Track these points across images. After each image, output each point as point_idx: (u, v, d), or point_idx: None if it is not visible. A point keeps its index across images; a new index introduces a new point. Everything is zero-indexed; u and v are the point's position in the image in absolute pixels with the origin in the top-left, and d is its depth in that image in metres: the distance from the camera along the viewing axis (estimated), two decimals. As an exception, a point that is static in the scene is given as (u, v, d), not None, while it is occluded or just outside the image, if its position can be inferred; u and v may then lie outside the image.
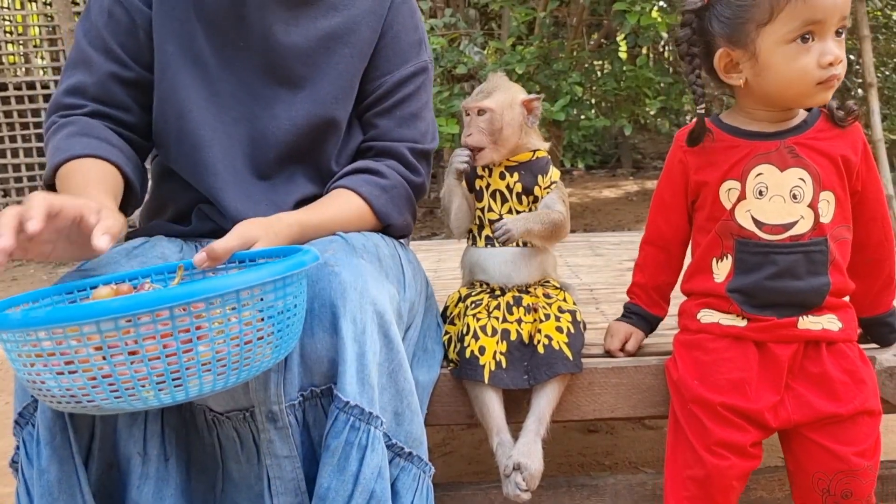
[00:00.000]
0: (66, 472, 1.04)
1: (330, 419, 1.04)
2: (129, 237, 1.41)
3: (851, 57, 5.83)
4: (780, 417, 1.24)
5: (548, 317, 1.37)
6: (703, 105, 1.31)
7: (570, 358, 1.33)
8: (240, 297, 0.88)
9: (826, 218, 1.26)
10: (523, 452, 1.30)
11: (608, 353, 1.46)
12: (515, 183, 1.41)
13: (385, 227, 1.43)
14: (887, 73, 6.22)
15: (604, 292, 1.99)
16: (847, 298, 1.34)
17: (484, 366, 1.32)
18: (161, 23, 1.36)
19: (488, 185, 1.43)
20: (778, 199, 1.26)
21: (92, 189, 1.20)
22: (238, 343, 0.89)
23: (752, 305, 1.28)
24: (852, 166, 1.28)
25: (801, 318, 1.27)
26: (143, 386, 0.85)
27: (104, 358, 0.83)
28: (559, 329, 1.35)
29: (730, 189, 1.29)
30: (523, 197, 1.42)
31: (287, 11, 1.37)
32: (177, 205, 1.43)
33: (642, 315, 1.45)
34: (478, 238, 1.46)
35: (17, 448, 1.10)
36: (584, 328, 1.42)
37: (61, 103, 1.38)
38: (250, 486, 1.15)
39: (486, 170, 1.43)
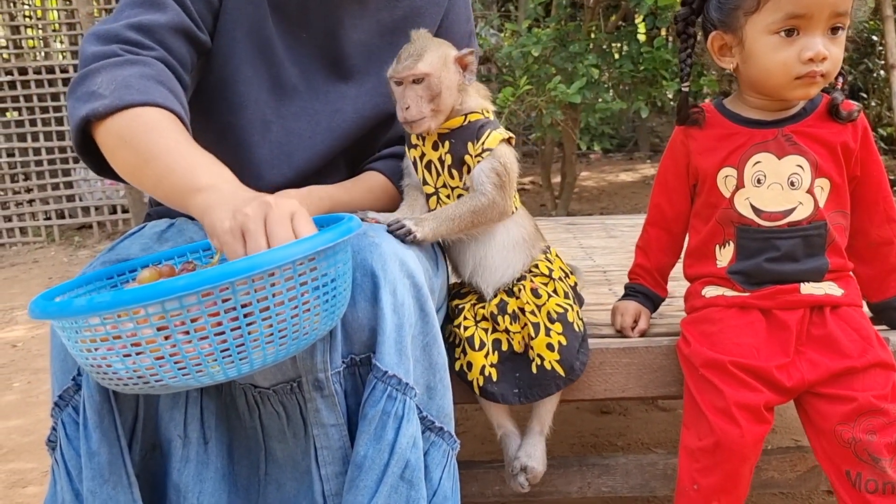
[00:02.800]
0: (114, 454, 1.05)
1: (368, 388, 1.05)
2: (148, 217, 1.41)
3: (874, 38, 5.75)
4: (794, 377, 1.23)
5: (537, 329, 1.31)
6: (688, 84, 1.37)
7: (563, 375, 1.32)
8: (296, 267, 0.89)
9: (820, 205, 1.28)
10: (529, 454, 1.37)
11: (619, 333, 1.47)
12: (446, 154, 1.29)
13: None
14: (910, 54, 6.10)
15: (617, 274, 1.99)
16: (852, 273, 1.35)
17: (472, 381, 1.32)
18: (235, 4, 1.30)
19: (423, 156, 1.32)
20: (776, 187, 1.28)
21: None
22: (297, 312, 0.90)
23: (752, 283, 1.31)
24: (851, 152, 1.30)
25: (802, 284, 1.29)
26: (210, 361, 0.87)
27: (167, 338, 0.84)
28: (550, 346, 1.31)
29: (727, 176, 1.31)
30: (453, 171, 1.29)
31: (354, 3, 1.35)
32: None
33: (647, 294, 1.48)
34: None
35: (54, 429, 1.12)
36: (583, 327, 1.36)
37: (123, 36, 1.17)
38: (296, 463, 1.16)
39: (420, 138, 1.31)
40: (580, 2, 4.86)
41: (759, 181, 1.29)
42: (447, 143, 1.29)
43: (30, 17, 6.30)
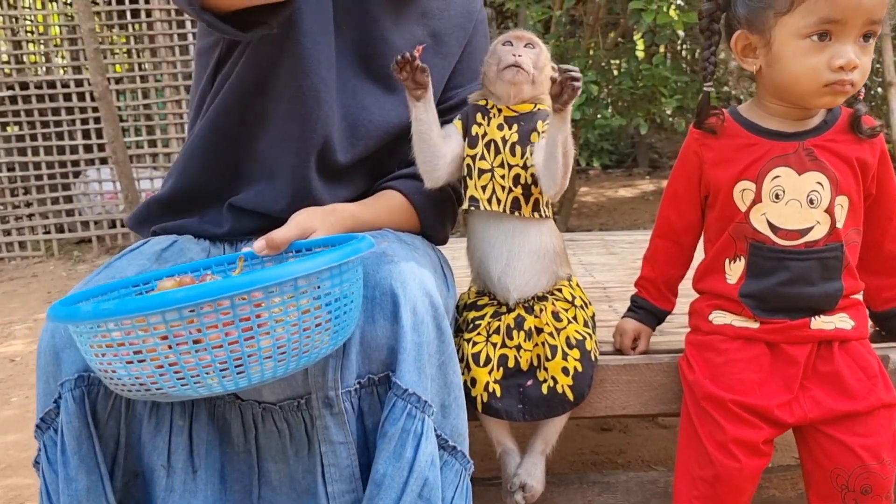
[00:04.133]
0: (93, 480, 1.05)
1: (387, 406, 1.05)
2: (154, 233, 1.40)
3: (873, 55, 5.79)
4: (796, 414, 1.23)
5: (554, 352, 1.32)
6: (711, 84, 1.31)
7: (572, 400, 1.33)
8: (297, 285, 0.90)
9: (840, 223, 1.25)
10: (529, 472, 1.37)
11: (619, 352, 1.46)
12: (512, 134, 1.33)
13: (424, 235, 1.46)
14: (908, 71, 6.14)
15: (617, 290, 1.99)
16: (861, 296, 1.34)
17: (476, 398, 1.33)
18: None
19: (485, 134, 1.35)
20: (794, 204, 1.24)
21: None
22: (297, 330, 0.91)
23: (764, 310, 1.27)
24: (868, 169, 1.27)
25: (813, 318, 1.26)
26: (208, 373, 0.88)
27: (170, 347, 0.87)
28: (565, 371, 1.32)
29: (744, 190, 1.27)
30: (517, 147, 1.32)
31: (389, 9, 1.37)
32: (200, 198, 1.38)
33: (649, 309, 1.45)
34: (463, 198, 1.38)
35: (39, 450, 1.12)
36: (597, 356, 1.38)
37: None
38: (294, 482, 1.15)
39: (486, 118, 1.36)
40: (579, 19, 4.89)
41: (777, 196, 1.24)
42: (515, 125, 1.34)
43: (31, 32, 6.33)
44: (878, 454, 1.20)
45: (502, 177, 1.34)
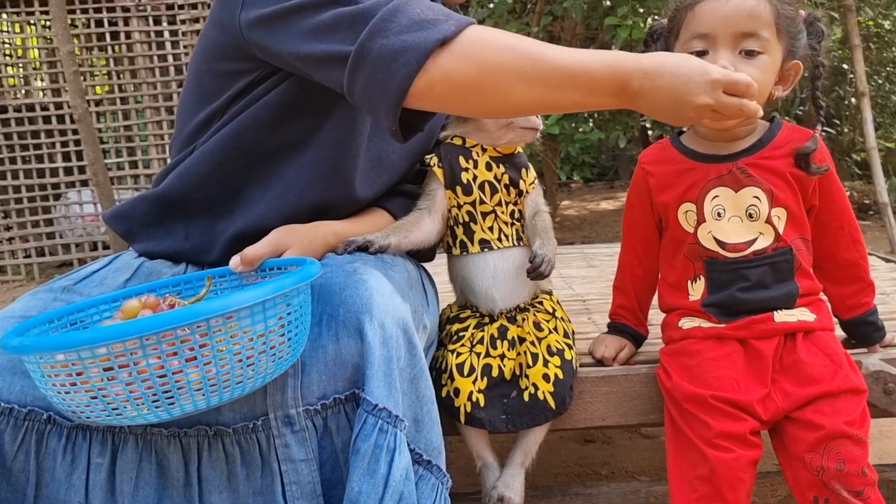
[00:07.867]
0: None
1: (358, 422, 1.04)
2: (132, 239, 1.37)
3: (845, 66, 5.88)
4: (770, 410, 1.25)
5: (535, 359, 1.35)
6: (645, 118, 1.46)
7: (554, 407, 1.34)
8: (210, 324, 0.90)
9: (780, 232, 1.31)
10: (507, 484, 1.37)
11: (599, 362, 1.48)
12: (503, 174, 1.40)
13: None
14: (880, 81, 6.25)
15: (596, 303, 2.01)
16: (822, 296, 1.38)
17: (459, 408, 1.33)
18: None
19: (475, 178, 1.40)
20: (736, 220, 1.31)
21: None
22: (211, 365, 0.91)
23: (727, 314, 1.33)
24: (805, 183, 1.32)
25: (776, 312, 1.31)
26: (127, 406, 0.90)
27: (73, 383, 0.89)
28: (546, 377, 1.34)
29: (687, 211, 1.35)
30: (511, 189, 1.40)
31: None
32: (190, 205, 1.32)
33: (631, 333, 1.50)
34: (469, 244, 1.41)
35: None
36: (577, 366, 1.39)
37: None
38: None
39: (471, 161, 1.40)
40: (557, 35, 4.95)
41: (718, 214, 1.32)
42: (502, 166, 1.40)
43: (10, 55, 6.30)
44: (846, 430, 1.20)
45: (503, 213, 1.40)
